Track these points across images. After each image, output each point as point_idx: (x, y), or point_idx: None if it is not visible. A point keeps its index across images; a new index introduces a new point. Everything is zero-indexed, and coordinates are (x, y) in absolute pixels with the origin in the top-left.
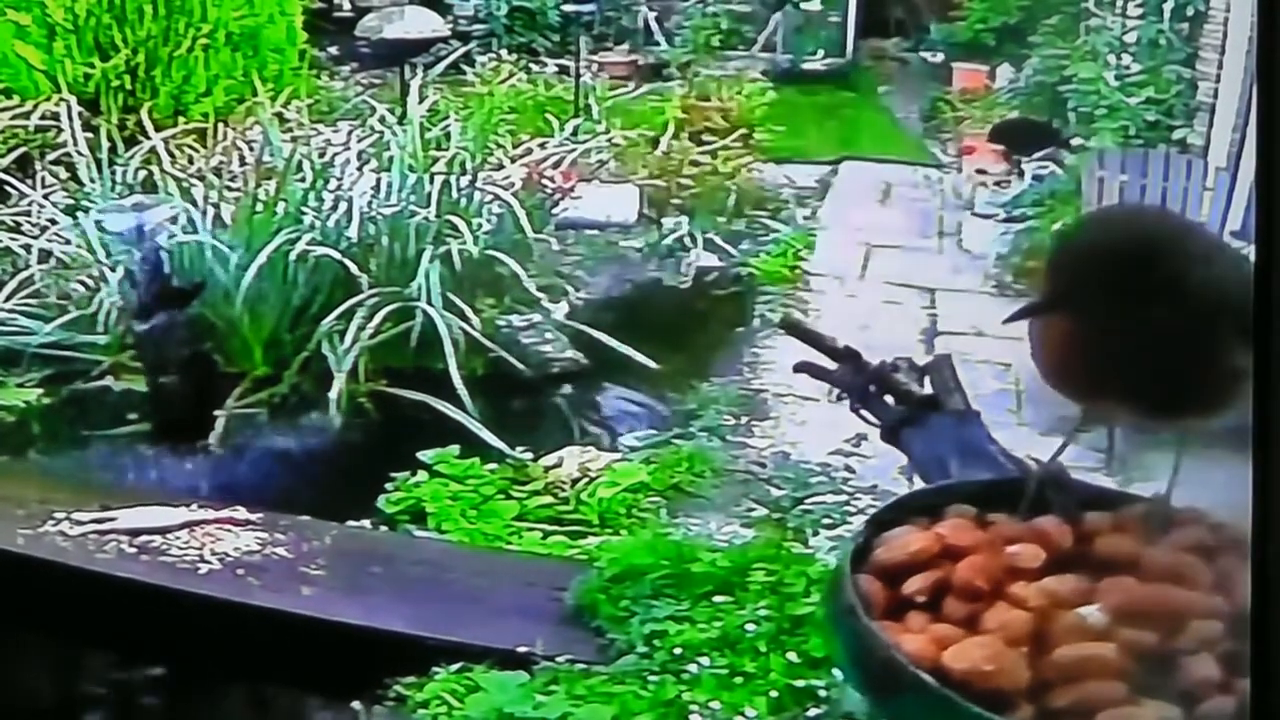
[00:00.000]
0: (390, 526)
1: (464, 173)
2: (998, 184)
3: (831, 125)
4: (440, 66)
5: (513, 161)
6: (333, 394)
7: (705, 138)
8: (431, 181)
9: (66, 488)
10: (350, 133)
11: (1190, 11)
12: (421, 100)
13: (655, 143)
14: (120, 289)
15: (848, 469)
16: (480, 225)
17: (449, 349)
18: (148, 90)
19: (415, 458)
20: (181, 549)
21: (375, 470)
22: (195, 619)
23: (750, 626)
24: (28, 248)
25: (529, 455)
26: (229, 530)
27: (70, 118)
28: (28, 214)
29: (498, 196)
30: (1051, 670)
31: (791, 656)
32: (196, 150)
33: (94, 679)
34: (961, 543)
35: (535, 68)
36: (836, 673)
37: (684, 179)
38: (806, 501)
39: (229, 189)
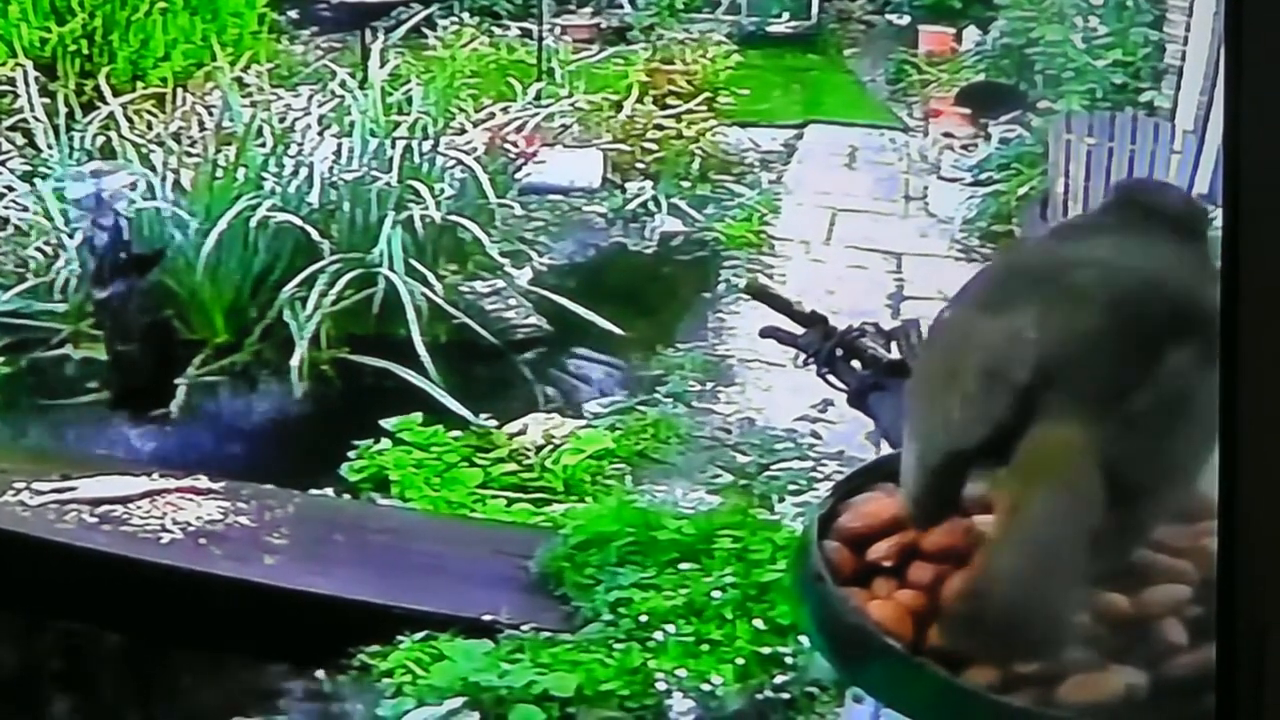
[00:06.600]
0: (353, 495)
1: (426, 137)
2: (964, 147)
3: (796, 88)
4: (401, 30)
5: (475, 126)
6: (294, 361)
7: (669, 102)
8: (393, 146)
9: (26, 457)
10: (311, 97)
11: None
12: (382, 64)
13: (619, 107)
14: (79, 256)
15: (814, 435)
16: (442, 190)
17: (411, 315)
18: (105, 55)
19: (378, 425)
20: (143, 518)
21: (338, 438)
22: (157, 589)
23: (716, 594)
24: None
25: (493, 422)
26: (190, 499)
27: (26, 83)
28: None
29: (460, 161)
30: None
31: (758, 623)
32: (155, 116)
33: (56, 650)
34: None
35: (497, 31)
36: (803, 640)
37: (648, 143)
38: (773, 468)
39: (188, 155)
